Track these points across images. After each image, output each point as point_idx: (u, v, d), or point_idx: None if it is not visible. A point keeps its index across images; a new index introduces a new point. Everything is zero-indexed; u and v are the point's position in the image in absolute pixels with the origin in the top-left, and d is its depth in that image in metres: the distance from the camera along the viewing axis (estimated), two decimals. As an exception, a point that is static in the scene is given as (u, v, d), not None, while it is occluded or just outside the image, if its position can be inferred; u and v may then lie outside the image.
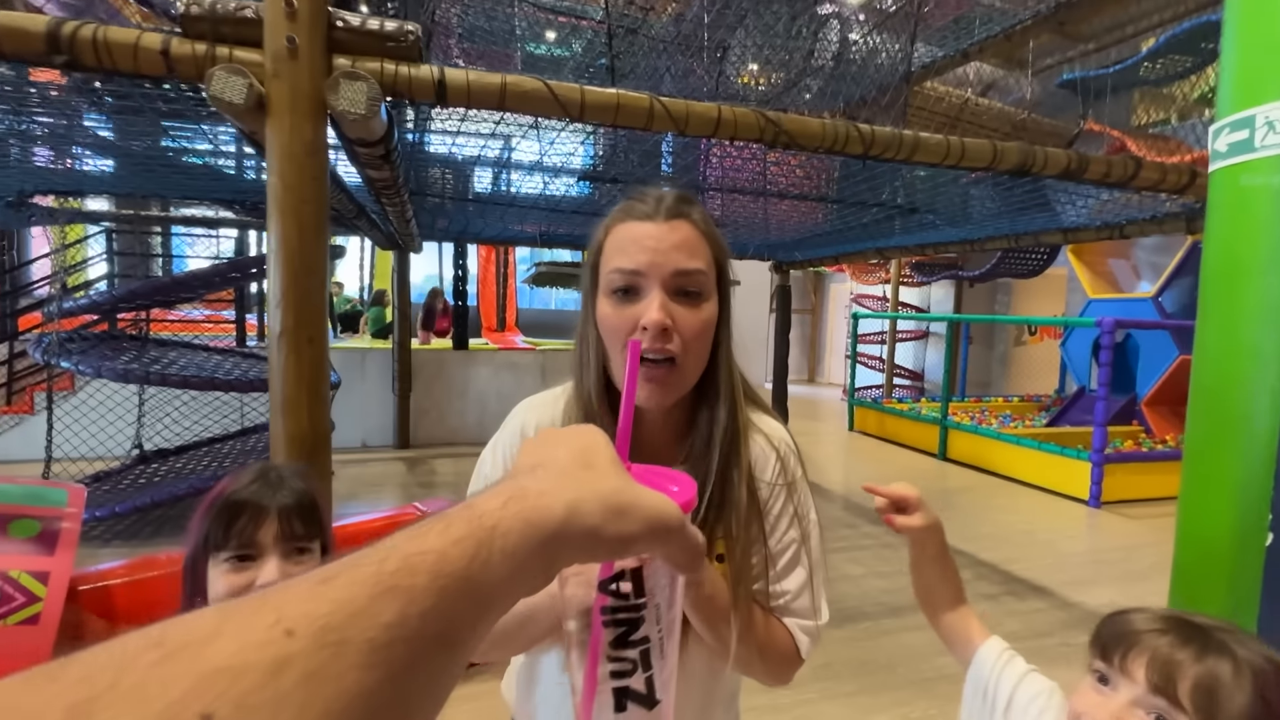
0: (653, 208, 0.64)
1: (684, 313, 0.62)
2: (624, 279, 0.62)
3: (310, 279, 1.46)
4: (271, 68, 1.39)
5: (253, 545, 0.68)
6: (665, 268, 0.61)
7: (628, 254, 0.62)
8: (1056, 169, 2.26)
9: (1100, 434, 4.42)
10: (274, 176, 1.41)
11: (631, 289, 0.62)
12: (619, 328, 0.62)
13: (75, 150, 2.84)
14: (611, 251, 0.64)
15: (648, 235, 0.62)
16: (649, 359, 0.61)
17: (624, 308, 0.62)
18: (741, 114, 1.88)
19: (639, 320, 0.61)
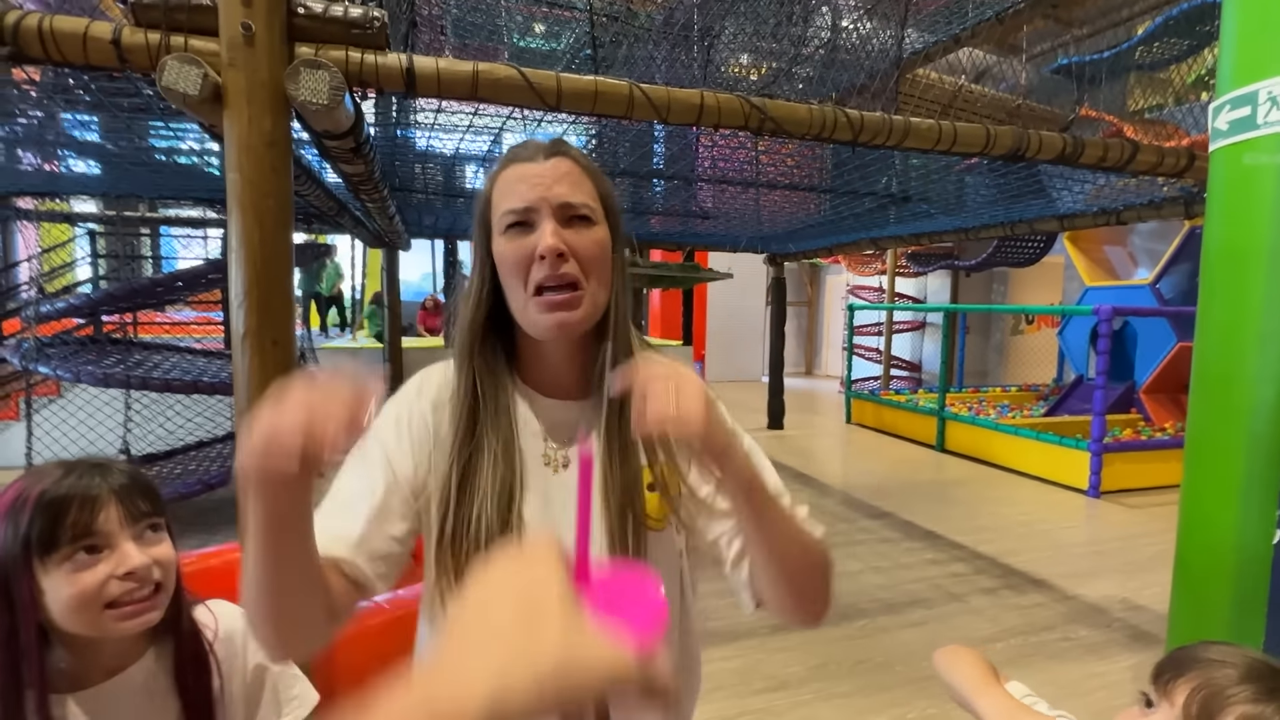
0: (532, 151, 0.67)
1: (576, 236, 0.64)
2: (516, 216, 0.64)
3: (274, 277, 1.39)
4: (227, 56, 1.32)
5: (94, 535, 0.61)
6: (552, 201, 0.64)
7: (516, 193, 0.64)
8: (1051, 153, 2.20)
9: (1099, 423, 4.38)
10: (232, 171, 1.34)
11: (524, 224, 0.64)
12: (518, 259, 0.64)
13: (55, 151, 2.78)
14: (500, 196, 0.66)
15: (532, 174, 0.65)
16: (550, 288, 0.63)
17: (519, 240, 0.64)
18: (725, 100, 1.82)
19: (534, 249, 0.63)
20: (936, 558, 3.20)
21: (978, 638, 2.40)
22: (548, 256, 0.62)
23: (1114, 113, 4.27)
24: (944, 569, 3.06)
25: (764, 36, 2.83)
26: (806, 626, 0.66)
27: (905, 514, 3.89)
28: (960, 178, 3.50)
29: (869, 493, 4.34)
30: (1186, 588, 1.45)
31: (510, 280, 0.65)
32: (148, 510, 0.65)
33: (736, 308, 10.13)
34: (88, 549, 0.61)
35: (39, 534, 0.60)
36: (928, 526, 3.66)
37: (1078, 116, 4.11)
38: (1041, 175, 3.39)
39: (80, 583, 0.61)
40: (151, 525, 0.65)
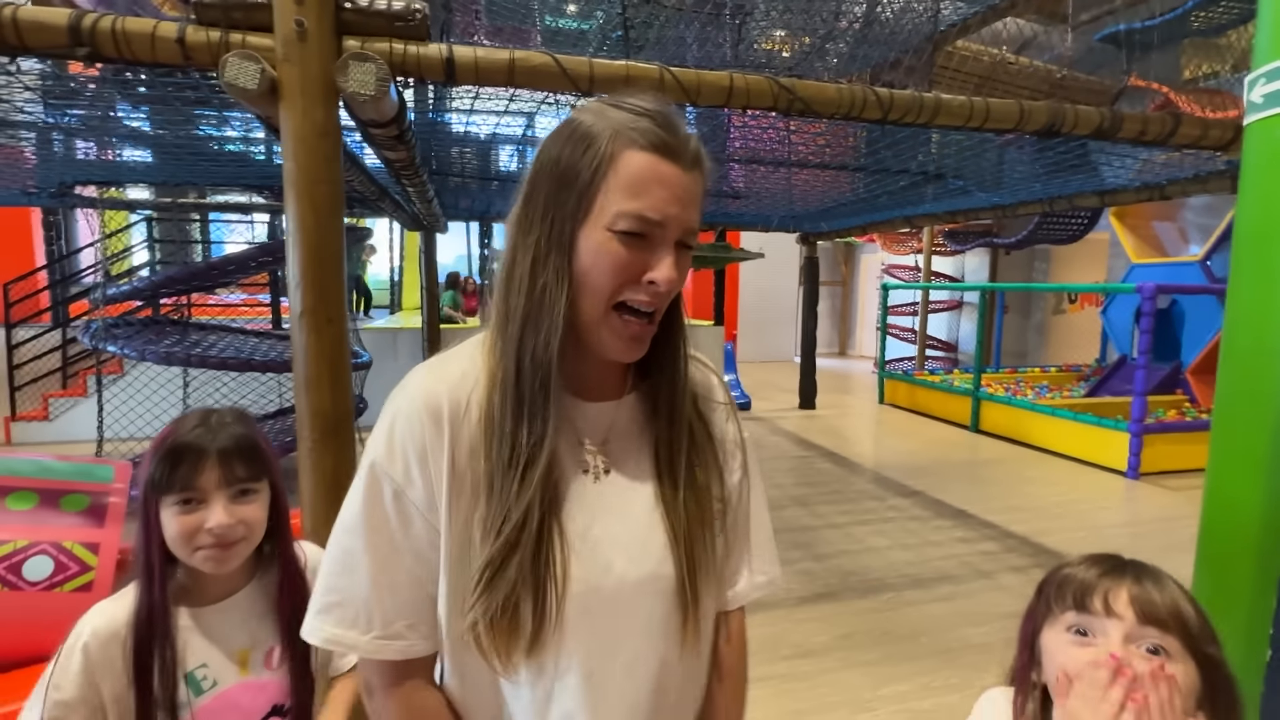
0: (679, 145, 0.56)
1: (680, 266, 0.58)
2: (641, 225, 0.55)
3: (327, 259, 1.49)
4: (282, 52, 1.41)
5: (195, 489, 0.72)
6: (683, 225, 0.57)
7: (651, 200, 0.55)
8: (1088, 128, 2.16)
9: (1140, 404, 4.29)
10: (288, 160, 1.44)
11: (643, 235, 0.55)
12: (619, 268, 0.55)
13: (113, 141, 2.94)
14: (626, 184, 0.55)
15: (676, 184, 0.55)
16: (638, 311, 0.56)
17: (632, 251, 0.55)
18: (755, 82, 1.84)
19: (647, 272, 0.55)
20: (966, 536, 3.22)
21: (1004, 614, 2.42)
22: (662, 286, 0.56)
23: (1166, 82, 4.11)
24: (973, 547, 3.08)
25: (797, 12, 2.81)
26: None
27: (936, 493, 3.90)
28: (1000, 153, 3.43)
29: (900, 472, 4.35)
30: (1209, 564, 1.47)
31: (594, 281, 0.56)
32: (244, 476, 0.74)
33: (768, 287, 10.07)
34: (187, 500, 0.72)
35: (156, 478, 0.71)
36: (959, 505, 3.66)
37: (1127, 87, 3.97)
38: (1088, 149, 3.30)
39: (177, 525, 0.72)
40: (244, 490, 0.75)
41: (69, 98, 2.40)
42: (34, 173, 3.09)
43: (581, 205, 0.55)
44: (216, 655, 0.75)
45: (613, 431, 0.63)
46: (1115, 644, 0.57)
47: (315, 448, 1.53)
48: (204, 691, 0.74)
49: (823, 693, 1.96)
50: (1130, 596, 0.58)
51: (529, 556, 0.55)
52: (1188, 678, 0.55)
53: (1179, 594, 0.59)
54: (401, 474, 0.57)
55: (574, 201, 0.56)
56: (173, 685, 0.72)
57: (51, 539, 1.64)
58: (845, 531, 3.28)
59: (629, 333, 0.57)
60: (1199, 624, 0.57)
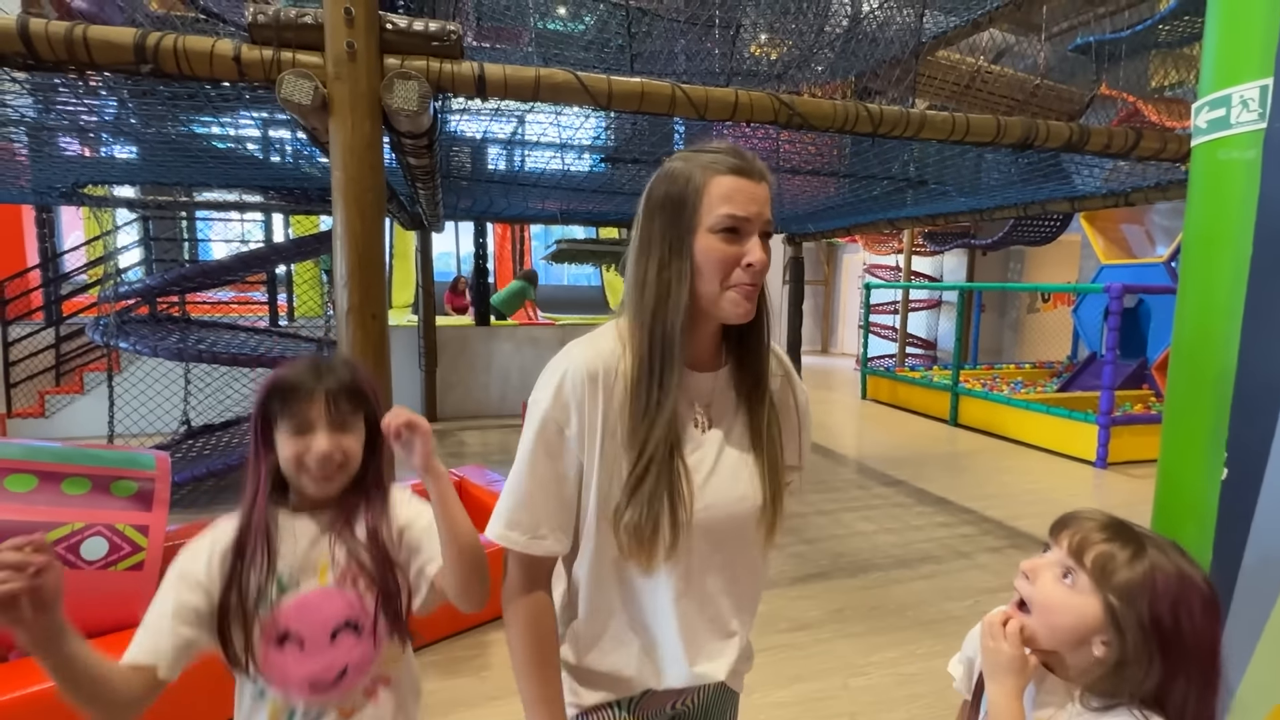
0: (749, 167, 0.76)
1: (765, 252, 0.77)
2: (734, 222, 0.74)
3: (372, 260, 1.62)
4: (333, 70, 1.54)
5: (304, 420, 0.83)
6: (762, 219, 0.76)
7: (738, 202, 0.74)
8: (1059, 142, 2.36)
9: (1107, 397, 4.54)
10: (337, 170, 1.57)
11: (736, 230, 0.74)
12: (725, 259, 0.74)
13: (111, 139, 2.98)
14: (718, 197, 0.74)
15: (753, 190, 0.75)
16: (748, 285, 0.76)
17: (730, 245, 0.75)
18: (757, 98, 2.00)
19: (743, 257, 0.75)
20: (947, 521, 3.42)
21: (982, 588, 2.62)
22: (757, 266, 0.75)
23: (1135, 91, 4.34)
24: (953, 530, 3.28)
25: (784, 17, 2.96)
26: None
27: (918, 482, 4.10)
28: (978, 159, 3.62)
29: (883, 463, 4.56)
30: (1161, 529, 1.67)
31: (711, 272, 0.75)
32: (348, 410, 0.86)
33: (753, 287, 10.25)
34: (297, 428, 0.84)
35: (273, 406, 0.84)
36: (939, 494, 3.87)
37: (1097, 95, 4.20)
38: (1060, 157, 3.50)
39: (287, 449, 0.84)
40: (344, 424, 0.86)
41: (81, 99, 2.46)
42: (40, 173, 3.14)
43: (691, 220, 0.75)
44: (300, 560, 0.85)
45: (714, 396, 0.83)
46: (1046, 560, 0.70)
47: (359, 434, 1.66)
48: (286, 589, 0.84)
49: (818, 660, 2.13)
50: (1074, 534, 0.69)
51: (663, 479, 0.75)
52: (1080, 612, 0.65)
53: (1129, 559, 0.65)
54: (564, 417, 0.77)
55: (686, 218, 0.76)
56: (266, 578, 0.82)
57: (106, 521, 1.74)
58: (833, 518, 3.46)
59: (742, 295, 0.76)
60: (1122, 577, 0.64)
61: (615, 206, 4.43)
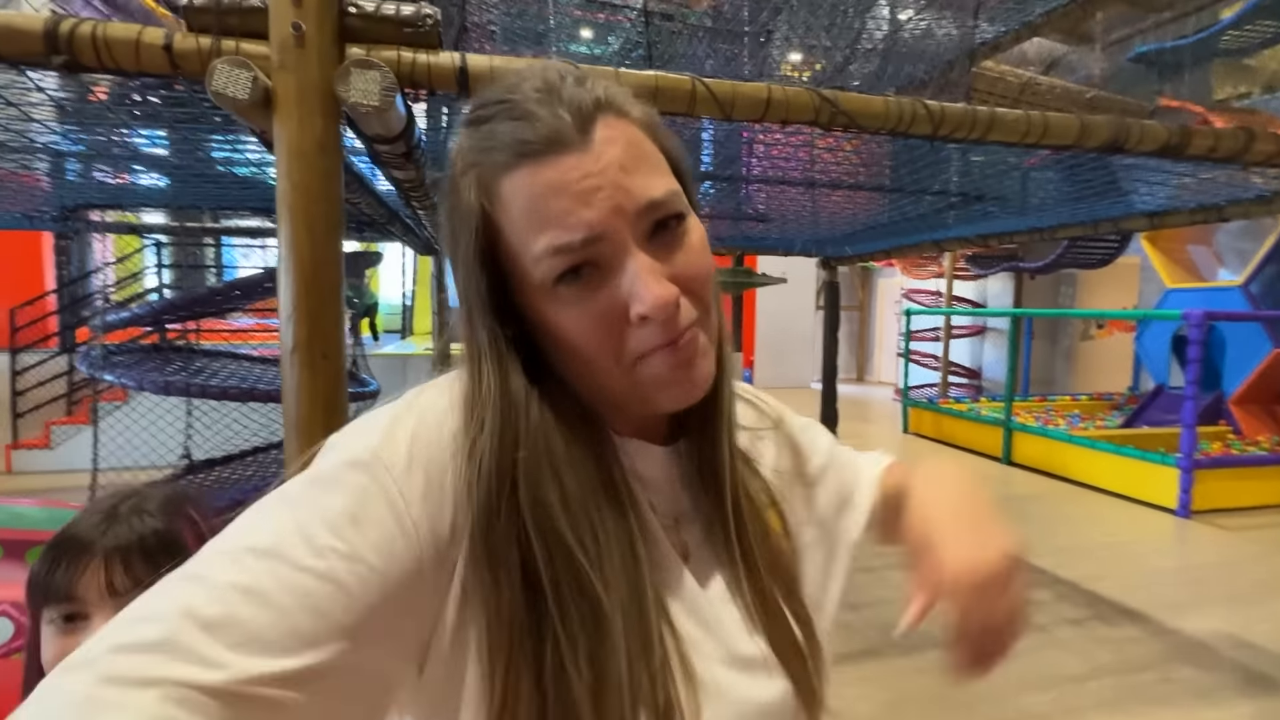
0: (552, 126, 0.39)
1: (678, 255, 0.41)
2: (571, 258, 0.39)
3: (324, 288, 1.34)
4: (278, 59, 1.27)
5: (74, 599, 0.54)
6: (630, 209, 0.39)
7: (557, 221, 0.39)
8: (1154, 144, 1.99)
9: (1189, 436, 4.05)
10: (283, 178, 1.29)
11: (583, 266, 0.40)
12: (597, 331, 0.40)
13: (125, 164, 2.85)
14: (524, 226, 0.40)
15: (575, 173, 0.39)
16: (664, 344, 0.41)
17: (590, 299, 0.40)
18: (794, 94, 1.69)
19: (622, 308, 0.40)
20: (1013, 582, 2.98)
21: (1067, 675, 2.19)
22: (654, 317, 0.39)
23: (1199, 103, 3.97)
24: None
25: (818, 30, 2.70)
26: None
27: (974, 532, 3.66)
28: (1025, 175, 3.28)
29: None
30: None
31: (586, 359, 0.42)
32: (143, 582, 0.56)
33: (785, 312, 9.91)
34: (73, 615, 0.57)
35: (37, 580, 0.56)
36: (1000, 547, 3.43)
37: (1159, 107, 3.81)
38: (1117, 172, 3.16)
39: (56, 650, 0.56)
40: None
41: (85, 120, 2.29)
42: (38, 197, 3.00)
43: (495, 278, 0.42)
44: None
45: (675, 491, 0.48)
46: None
47: (306, 498, 1.36)
48: None
49: (873, 773, 1.74)
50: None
51: (642, 679, 0.39)
52: None
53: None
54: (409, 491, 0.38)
55: (484, 275, 0.42)
56: None
57: (13, 598, 1.47)
58: (879, 576, 3.04)
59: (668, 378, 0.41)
60: None
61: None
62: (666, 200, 0.41)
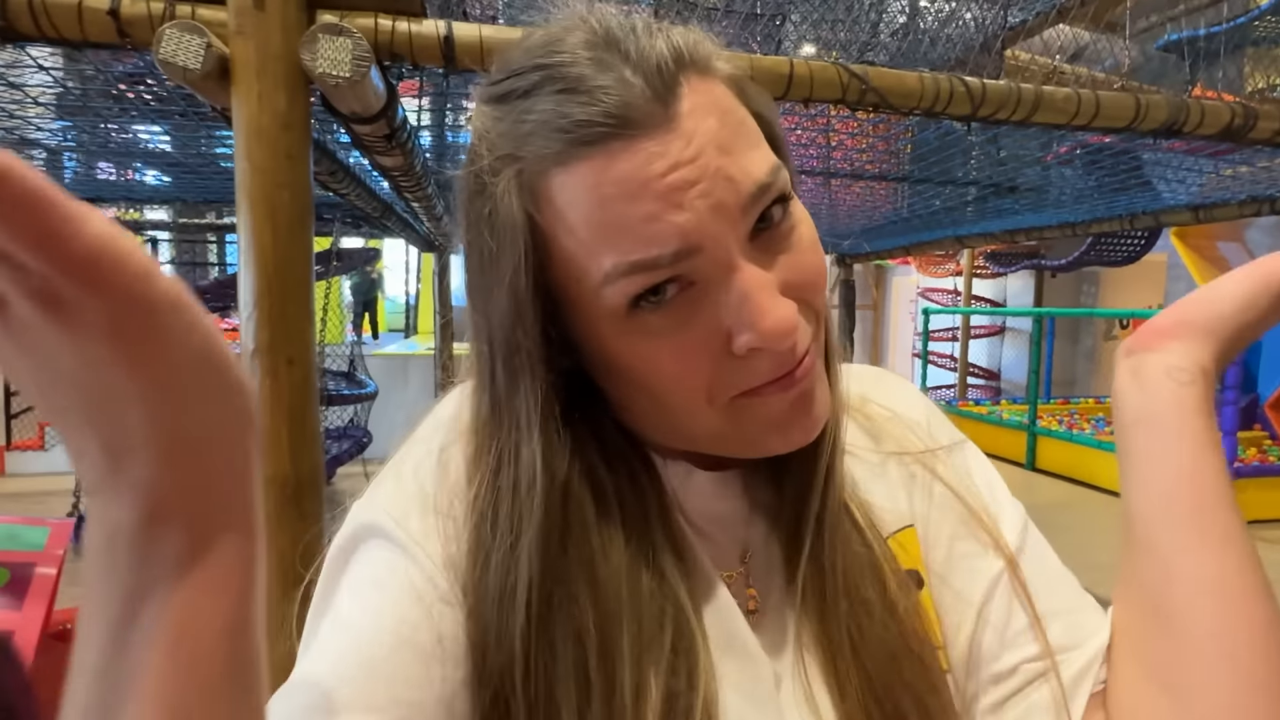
0: (620, 96, 0.28)
1: (788, 260, 0.32)
2: (655, 276, 0.29)
3: (291, 285, 1.19)
4: (235, 23, 1.12)
5: None
6: (732, 206, 0.30)
7: (637, 229, 0.29)
8: (1216, 126, 1.80)
9: (1227, 444, 3.83)
10: (241, 159, 1.14)
11: (676, 281, 0.30)
12: (688, 363, 0.31)
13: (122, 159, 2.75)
14: (588, 235, 0.29)
15: (661, 168, 0.28)
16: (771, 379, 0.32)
17: (680, 327, 0.30)
18: (819, 69, 1.53)
19: (728, 336, 0.30)
20: (1046, 600, 2.80)
21: (1113, 708, 2.01)
22: (772, 349, 0.31)
23: (1233, 93, 3.79)
24: (1057, 615, 2.66)
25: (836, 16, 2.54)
26: None
27: (1001, 544, 3.47)
28: (1049, 168, 3.11)
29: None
30: None
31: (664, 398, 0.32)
32: None
33: (797, 311, 9.73)
34: None
35: None
36: (1030, 561, 3.24)
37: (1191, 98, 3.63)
38: (1145, 165, 2.99)
39: None
40: None
41: (82, 113, 2.17)
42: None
43: (542, 296, 0.32)
44: None
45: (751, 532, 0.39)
46: None
47: (270, 521, 1.21)
48: None
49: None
50: None
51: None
52: None
53: None
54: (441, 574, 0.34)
55: (537, 315, 0.32)
56: None
57: (-48, 625, 1.34)
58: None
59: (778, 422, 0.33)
60: None
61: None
62: (772, 181, 0.31)
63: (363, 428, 3.73)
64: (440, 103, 2.41)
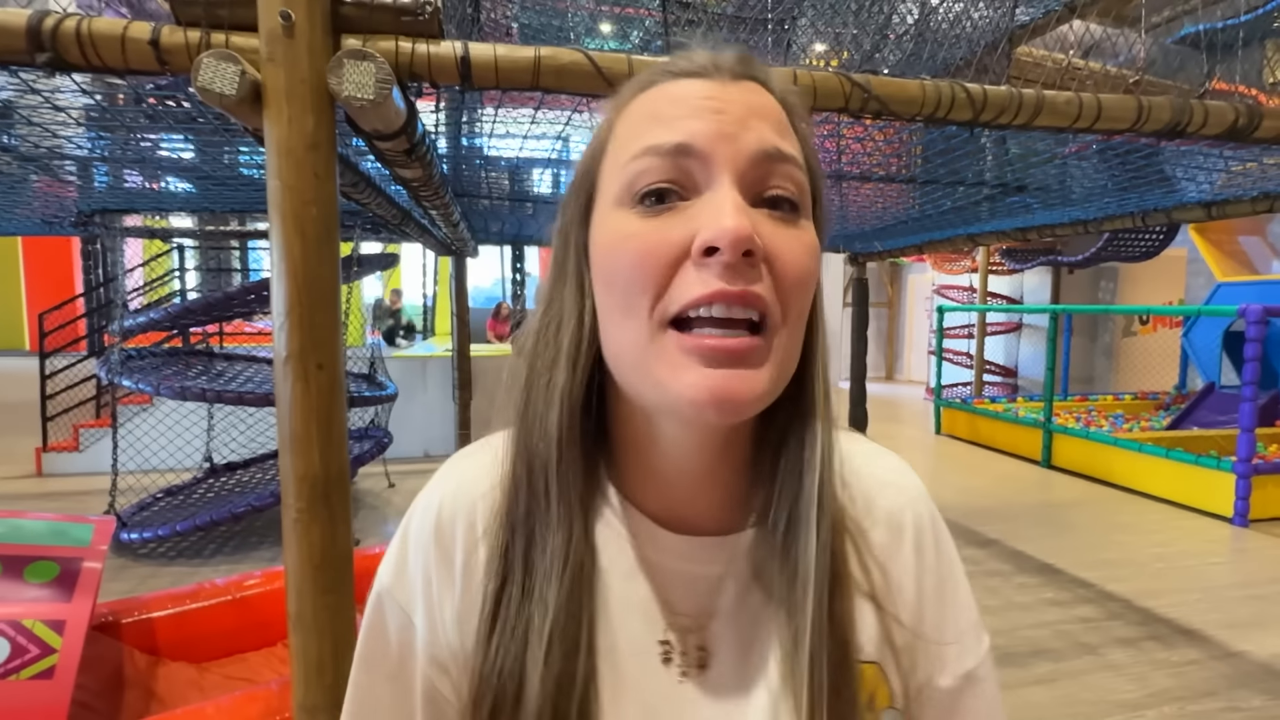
0: (704, 62, 0.36)
1: (779, 233, 0.35)
2: (661, 164, 0.34)
3: (319, 294, 1.26)
4: (266, 50, 1.19)
5: None
6: (743, 146, 0.34)
7: (667, 121, 0.35)
8: (1220, 126, 1.82)
9: (1247, 440, 3.81)
10: (273, 178, 1.21)
11: (671, 191, 0.35)
12: (651, 255, 0.34)
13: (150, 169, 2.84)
14: (632, 128, 0.36)
15: (703, 94, 0.35)
16: (713, 319, 0.33)
17: (658, 222, 0.34)
18: (821, 79, 1.57)
19: (690, 238, 0.33)
20: (1058, 597, 2.81)
21: (1122, 701, 2.03)
22: (725, 249, 0.32)
23: (1253, 85, 3.74)
24: (1069, 611, 2.67)
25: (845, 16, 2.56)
26: None
27: (1014, 542, 3.48)
28: (1066, 164, 3.10)
29: (969, 515, 3.93)
30: None
31: (627, 299, 0.35)
32: None
33: (811, 310, 9.71)
34: None
35: None
36: (1043, 558, 3.25)
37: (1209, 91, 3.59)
38: (1163, 161, 2.97)
39: None
40: None
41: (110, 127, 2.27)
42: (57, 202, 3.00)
43: (587, 199, 0.38)
44: None
45: (719, 592, 0.39)
46: None
47: (301, 518, 1.28)
48: None
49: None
50: None
51: None
52: None
53: None
54: (409, 600, 0.41)
55: (581, 199, 0.39)
56: None
57: (9, 617, 1.42)
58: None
59: (703, 353, 0.33)
60: None
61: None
62: (789, 162, 0.36)
63: (383, 428, 3.82)
64: (456, 116, 2.49)
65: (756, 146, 0.34)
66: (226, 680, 1.96)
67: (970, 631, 0.44)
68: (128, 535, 3.02)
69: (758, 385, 0.34)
